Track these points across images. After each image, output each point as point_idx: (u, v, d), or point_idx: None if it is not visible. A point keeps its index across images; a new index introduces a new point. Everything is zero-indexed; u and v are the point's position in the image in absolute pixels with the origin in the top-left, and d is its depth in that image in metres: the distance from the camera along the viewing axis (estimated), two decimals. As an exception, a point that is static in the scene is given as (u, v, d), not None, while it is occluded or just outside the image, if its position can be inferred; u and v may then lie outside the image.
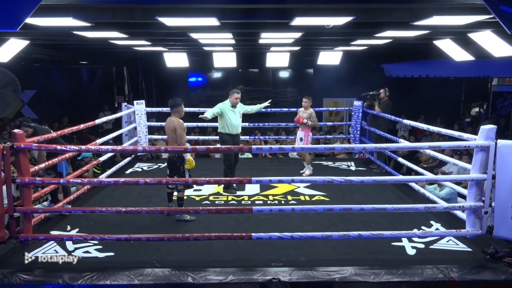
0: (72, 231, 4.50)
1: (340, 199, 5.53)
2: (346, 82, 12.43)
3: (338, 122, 11.56)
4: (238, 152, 6.10)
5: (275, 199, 5.57)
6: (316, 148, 4.25)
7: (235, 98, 5.94)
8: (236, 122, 5.93)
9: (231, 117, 5.90)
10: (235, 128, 5.94)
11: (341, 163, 7.78)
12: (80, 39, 7.55)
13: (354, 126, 8.13)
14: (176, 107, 4.95)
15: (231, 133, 5.91)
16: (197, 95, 13.90)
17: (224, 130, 5.91)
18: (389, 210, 4.06)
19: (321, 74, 12.88)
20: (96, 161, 6.23)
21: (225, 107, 5.93)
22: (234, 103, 5.95)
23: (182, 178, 4.71)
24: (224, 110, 5.91)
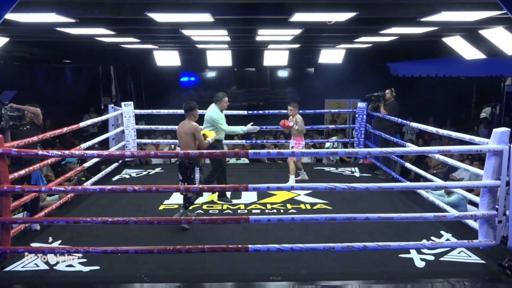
0: (54, 243, 4.47)
1: (343, 207, 5.53)
2: (349, 82, 12.47)
3: (341, 125, 11.58)
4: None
5: (273, 208, 5.56)
6: (318, 153, 4.25)
7: (225, 102, 5.94)
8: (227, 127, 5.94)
9: (223, 123, 5.88)
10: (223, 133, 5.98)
11: (344, 168, 7.78)
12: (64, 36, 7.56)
13: (358, 129, 8.14)
14: (191, 111, 5.02)
15: (221, 139, 5.96)
16: (189, 96, 13.88)
17: (220, 137, 5.89)
18: (396, 219, 4.06)
19: (322, 73, 12.92)
20: (81, 167, 6.21)
21: (220, 112, 5.90)
22: (224, 107, 5.95)
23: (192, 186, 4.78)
24: (221, 115, 5.87)
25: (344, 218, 4.03)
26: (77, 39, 8.35)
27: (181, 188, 4.29)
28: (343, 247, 3.93)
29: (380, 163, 7.45)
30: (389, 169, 7.04)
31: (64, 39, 8.37)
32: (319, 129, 11.24)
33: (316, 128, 10.46)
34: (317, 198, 5.90)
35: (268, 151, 4.06)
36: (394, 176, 6.75)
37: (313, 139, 9.96)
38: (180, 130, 4.97)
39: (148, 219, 4.09)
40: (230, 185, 4.13)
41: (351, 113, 11.77)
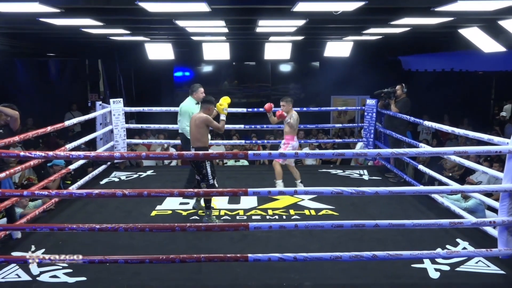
0: (38, 252, 4.47)
1: (351, 213, 5.53)
2: (357, 77, 12.47)
3: (348, 124, 11.58)
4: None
5: (275, 214, 5.57)
6: (323, 154, 4.25)
7: (201, 93, 6.18)
8: None
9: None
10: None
11: (352, 171, 7.79)
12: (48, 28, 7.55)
13: (367, 129, 8.15)
14: (207, 103, 5.37)
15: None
16: (184, 92, 13.78)
17: (187, 130, 6.03)
18: (408, 226, 4.06)
19: (328, 68, 12.92)
20: (66, 170, 6.21)
21: (192, 106, 6.11)
22: (200, 99, 6.10)
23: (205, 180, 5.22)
24: (191, 110, 6.07)
25: (351, 225, 4.03)
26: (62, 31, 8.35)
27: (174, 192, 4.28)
28: (350, 257, 3.94)
29: (391, 165, 7.45)
30: (401, 172, 7.04)
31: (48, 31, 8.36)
32: (325, 128, 11.26)
33: (321, 127, 10.50)
34: (322, 203, 5.91)
35: (269, 152, 4.07)
36: (406, 180, 6.75)
37: (318, 139, 9.97)
38: (191, 124, 5.33)
39: (139, 226, 4.10)
40: (228, 189, 4.13)
41: (359, 111, 11.82)
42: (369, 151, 4.15)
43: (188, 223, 4.38)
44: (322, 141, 9.65)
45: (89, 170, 7.50)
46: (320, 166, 8.76)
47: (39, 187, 5.28)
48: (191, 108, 6.14)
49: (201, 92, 6.21)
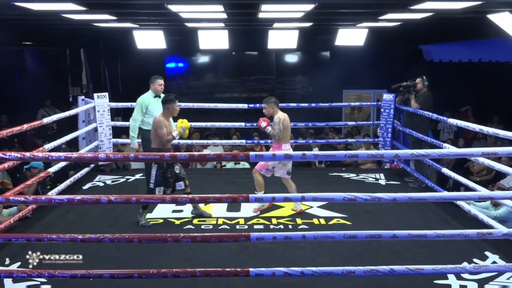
0: (13, 265, 4.49)
1: (365, 222, 5.53)
2: (373, 69, 12.47)
3: (363, 122, 11.59)
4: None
5: (280, 223, 5.57)
6: (334, 156, 4.25)
7: (158, 85, 6.34)
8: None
9: (154, 109, 6.23)
10: None
11: (367, 175, 7.79)
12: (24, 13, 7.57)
13: (383, 127, 8.15)
14: (167, 104, 5.44)
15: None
16: (177, 86, 13.94)
17: (146, 126, 6.28)
18: (431, 237, 4.06)
19: (340, 58, 12.93)
20: (45, 173, 6.23)
21: (147, 99, 6.33)
22: (157, 91, 6.33)
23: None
24: (147, 102, 6.29)
25: (366, 235, 4.03)
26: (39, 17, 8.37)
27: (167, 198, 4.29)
28: (365, 271, 3.93)
29: (410, 169, 7.44)
30: (422, 176, 7.04)
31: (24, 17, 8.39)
32: (336, 126, 11.26)
33: (332, 126, 10.50)
34: (333, 211, 5.91)
35: (273, 153, 4.07)
36: (428, 185, 6.75)
37: (329, 139, 9.97)
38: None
39: (127, 236, 4.10)
40: (227, 195, 4.13)
41: (375, 107, 11.82)
42: (386, 153, 4.16)
43: (182, 233, 4.37)
44: (333, 141, 9.64)
45: (70, 174, 7.52)
46: (330, 169, 8.76)
47: (14, 192, 5.29)
48: (145, 101, 6.33)
49: (159, 84, 6.36)
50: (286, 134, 5.92)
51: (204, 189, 6.79)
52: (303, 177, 7.81)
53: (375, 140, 8.86)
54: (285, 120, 5.94)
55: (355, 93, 13.53)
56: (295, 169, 8.72)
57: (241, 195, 4.05)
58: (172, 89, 13.73)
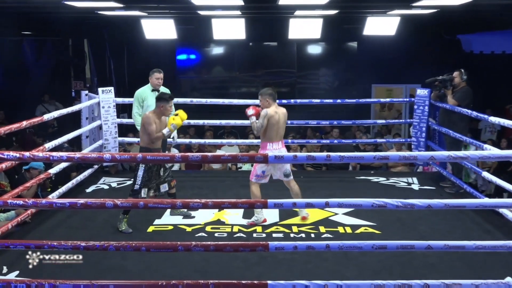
0: (10, 274, 4.54)
1: (396, 231, 5.49)
2: (406, 61, 12.39)
3: (394, 120, 11.53)
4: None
5: (301, 231, 5.56)
6: (362, 157, 4.23)
7: (155, 79, 6.71)
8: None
9: (151, 103, 6.50)
10: None
11: (398, 179, 7.74)
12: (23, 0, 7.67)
13: (417, 126, 8.09)
14: (159, 102, 5.60)
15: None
16: (188, 79, 14.02)
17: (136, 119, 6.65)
18: (469, 248, 4.02)
19: (369, 49, 12.86)
20: (45, 174, 6.30)
21: (144, 92, 6.72)
22: (155, 85, 6.71)
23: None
24: (143, 96, 6.68)
25: (397, 246, 4.01)
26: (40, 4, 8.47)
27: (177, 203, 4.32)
28: (396, 286, 3.91)
29: (447, 172, 7.38)
30: (460, 181, 6.97)
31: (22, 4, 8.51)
32: (364, 125, 11.21)
33: (359, 124, 10.46)
34: (360, 219, 5.88)
35: (294, 155, 4.06)
36: (467, 190, 6.68)
37: (356, 139, 9.93)
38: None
39: (134, 244, 4.13)
40: (243, 200, 4.14)
41: (407, 103, 11.73)
42: (420, 154, 4.13)
43: (194, 242, 4.39)
44: (361, 141, 9.59)
45: (72, 175, 7.59)
46: (357, 172, 8.72)
47: (12, 195, 5.35)
48: (143, 94, 6.72)
49: (156, 78, 6.71)
50: (273, 132, 5.73)
51: (218, 193, 6.83)
52: (327, 181, 7.81)
53: (407, 141, 8.79)
54: (275, 117, 5.73)
55: (385, 88, 13.45)
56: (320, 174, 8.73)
57: (258, 200, 4.06)
58: (183, 83, 13.83)
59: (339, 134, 10.40)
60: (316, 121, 8.58)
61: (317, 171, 8.94)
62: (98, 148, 7.75)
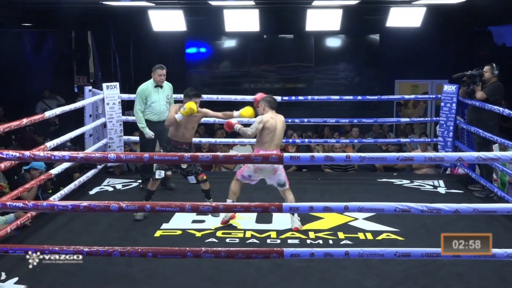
0: (9, 281, 4.56)
1: (421, 238, 5.47)
2: (432, 55, 12.32)
3: (418, 118, 11.47)
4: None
5: (318, 237, 5.56)
6: (385, 158, 4.21)
7: (158, 75, 6.95)
8: (161, 107, 7.03)
9: (154, 99, 6.97)
10: (159, 114, 7.02)
11: (424, 182, 7.70)
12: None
13: (443, 124, 8.04)
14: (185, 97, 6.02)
15: (151, 120, 7.02)
16: (198, 74, 14.04)
17: (146, 116, 7.01)
18: (500, 257, 3.99)
19: (392, 42, 12.80)
20: (46, 175, 6.35)
21: (148, 89, 6.98)
22: (158, 81, 6.98)
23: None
24: (147, 92, 6.96)
25: (422, 253, 3.99)
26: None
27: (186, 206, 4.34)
28: (420, 296, 3.90)
29: (476, 175, 7.32)
30: (491, 184, 6.92)
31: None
32: (386, 123, 11.17)
33: (382, 123, 10.43)
34: (382, 224, 5.86)
35: (311, 155, 4.06)
36: (498, 194, 6.63)
37: (377, 139, 9.89)
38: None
39: (140, 250, 4.16)
40: (256, 203, 4.14)
41: (433, 100, 11.66)
42: (447, 155, 4.11)
43: (204, 248, 4.40)
44: (384, 141, 9.53)
45: (75, 176, 7.64)
46: (379, 174, 8.69)
47: (11, 197, 5.39)
48: (145, 90, 6.96)
49: (158, 75, 6.95)
50: (268, 138, 5.70)
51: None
52: (347, 183, 7.79)
53: (433, 140, 8.73)
54: (271, 122, 5.72)
55: (410, 84, 13.38)
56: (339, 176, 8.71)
57: (273, 203, 4.06)
58: (193, 78, 13.84)
59: (359, 133, 10.37)
60: (334, 119, 8.56)
61: (336, 173, 8.91)
62: (102, 147, 7.79)
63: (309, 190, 7.21)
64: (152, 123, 7.01)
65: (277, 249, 4.10)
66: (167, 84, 7.16)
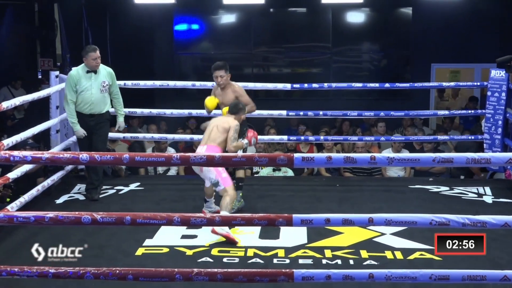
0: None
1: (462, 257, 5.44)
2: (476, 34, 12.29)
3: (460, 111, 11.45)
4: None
5: (336, 256, 5.56)
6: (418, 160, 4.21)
7: (92, 59, 6.91)
8: (93, 96, 7.00)
9: (84, 86, 6.93)
10: (91, 105, 7.01)
11: (466, 188, 7.70)
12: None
13: (491, 118, 8.03)
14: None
15: (83, 113, 7.01)
16: (189, 57, 14.03)
17: (76, 107, 7.01)
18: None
19: (427, 18, 12.80)
20: (3, 180, 6.36)
21: (76, 73, 6.99)
22: (93, 66, 6.95)
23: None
24: (75, 77, 6.95)
25: (463, 276, 4.00)
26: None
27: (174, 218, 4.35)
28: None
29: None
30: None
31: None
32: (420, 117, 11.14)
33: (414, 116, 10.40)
34: (414, 241, 5.86)
35: (328, 156, 4.06)
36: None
37: (409, 135, 9.87)
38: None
39: (118, 271, 4.16)
40: (260, 214, 4.14)
41: (479, 88, 11.63)
42: (495, 156, 4.10)
43: (196, 269, 4.41)
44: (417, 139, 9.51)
45: (38, 181, 7.65)
46: (411, 179, 8.69)
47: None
48: (74, 76, 6.97)
49: (92, 58, 6.92)
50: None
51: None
52: (370, 190, 7.78)
53: (478, 138, 8.73)
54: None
55: (449, 69, 13.37)
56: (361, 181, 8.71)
57: (281, 215, 4.06)
58: (183, 62, 13.85)
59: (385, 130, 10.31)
60: (357, 111, 8.55)
61: (358, 177, 8.92)
62: (71, 146, 7.79)
63: (325, 198, 7.21)
64: (83, 116, 7.03)
65: (286, 271, 4.11)
66: (105, 69, 7.15)
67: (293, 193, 7.55)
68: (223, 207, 6.03)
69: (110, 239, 5.86)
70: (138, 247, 5.76)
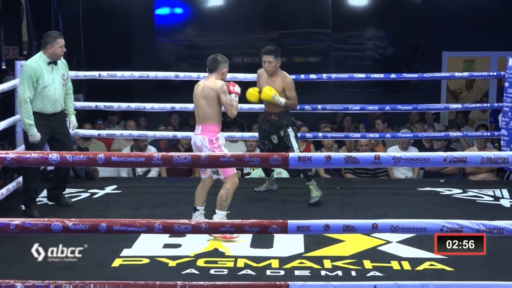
0: None
1: (476, 268, 5.49)
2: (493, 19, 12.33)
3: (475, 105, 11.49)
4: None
5: (336, 267, 5.57)
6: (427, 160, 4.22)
7: (59, 47, 6.71)
8: (57, 92, 6.77)
9: (48, 81, 6.66)
10: (55, 102, 6.79)
11: (481, 191, 7.73)
12: None
13: (509, 113, 8.06)
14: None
15: (44, 113, 6.72)
16: (172, 44, 14.01)
17: (35, 107, 6.64)
18: None
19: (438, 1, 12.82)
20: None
21: (38, 66, 6.63)
22: (58, 56, 6.74)
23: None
24: (38, 70, 6.60)
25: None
26: None
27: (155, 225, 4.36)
28: None
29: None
30: None
31: None
32: (430, 111, 11.17)
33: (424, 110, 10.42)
34: (424, 249, 5.88)
35: (327, 155, 4.08)
36: None
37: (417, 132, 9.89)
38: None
39: (92, 284, 4.17)
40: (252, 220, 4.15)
41: (496, 78, 11.67)
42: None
43: (180, 282, 4.41)
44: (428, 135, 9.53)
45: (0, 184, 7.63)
46: (420, 181, 8.72)
47: None
48: (37, 70, 6.60)
49: (60, 46, 6.70)
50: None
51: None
52: (375, 193, 7.80)
53: (494, 135, 8.76)
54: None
55: (463, 58, 13.40)
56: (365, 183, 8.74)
57: (275, 221, 4.07)
58: (164, 49, 13.84)
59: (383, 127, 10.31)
60: (359, 105, 8.56)
61: (361, 179, 8.93)
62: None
63: (324, 202, 7.22)
64: (44, 116, 6.77)
65: (281, 283, 4.12)
66: (61, 60, 6.97)
67: (289, 196, 7.56)
68: (218, 204, 6.09)
69: (84, 250, 5.85)
70: (115, 258, 5.76)
